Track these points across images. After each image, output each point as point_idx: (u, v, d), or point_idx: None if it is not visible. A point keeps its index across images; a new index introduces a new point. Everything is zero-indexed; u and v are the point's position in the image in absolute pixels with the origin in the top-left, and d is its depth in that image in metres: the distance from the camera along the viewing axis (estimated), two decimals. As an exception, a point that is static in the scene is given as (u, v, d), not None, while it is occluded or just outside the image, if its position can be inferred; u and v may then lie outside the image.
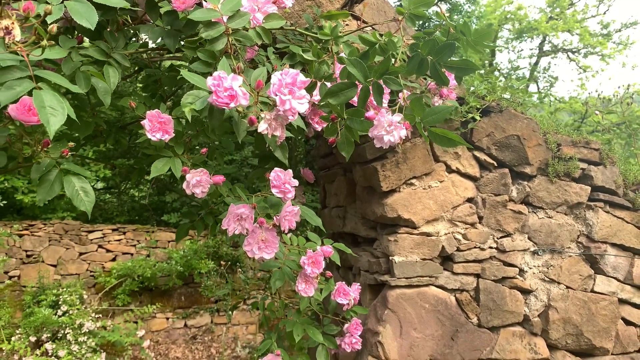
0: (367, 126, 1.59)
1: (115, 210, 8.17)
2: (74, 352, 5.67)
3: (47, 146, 1.62)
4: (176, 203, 7.55)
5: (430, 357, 2.56)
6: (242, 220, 1.90)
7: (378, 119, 1.55)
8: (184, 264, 6.71)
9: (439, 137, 1.53)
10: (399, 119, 1.54)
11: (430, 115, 1.52)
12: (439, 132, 1.52)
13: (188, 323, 7.12)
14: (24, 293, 6.51)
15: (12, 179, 6.67)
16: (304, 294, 2.18)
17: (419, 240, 2.56)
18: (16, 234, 6.56)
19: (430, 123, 1.53)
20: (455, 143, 1.52)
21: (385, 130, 1.54)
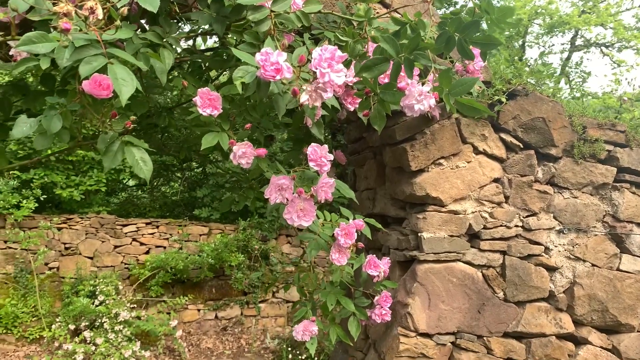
0: (398, 97, 1.78)
1: (148, 206, 8.51)
2: (110, 340, 5.97)
3: (114, 117, 1.85)
4: (207, 198, 7.84)
5: (457, 328, 2.71)
6: (283, 190, 2.11)
7: (409, 89, 1.73)
8: (214, 256, 6.97)
9: (465, 106, 1.70)
10: (429, 88, 1.72)
11: (457, 87, 1.69)
12: (465, 102, 1.69)
13: (219, 315, 7.38)
14: (62, 283, 6.89)
15: (52, 174, 7.07)
16: (337, 263, 2.37)
17: (447, 217, 2.72)
18: (55, 227, 6.95)
19: (458, 94, 1.70)
20: (480, 112, 1.69)
21: (416, 99, 1.72)
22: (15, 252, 6.80)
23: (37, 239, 6.66)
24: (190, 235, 7.46)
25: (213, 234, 7.59)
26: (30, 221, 6.88)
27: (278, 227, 7.67)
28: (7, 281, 6.71)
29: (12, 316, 6.45)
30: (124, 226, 7.32)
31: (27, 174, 6.94)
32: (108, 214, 7.54)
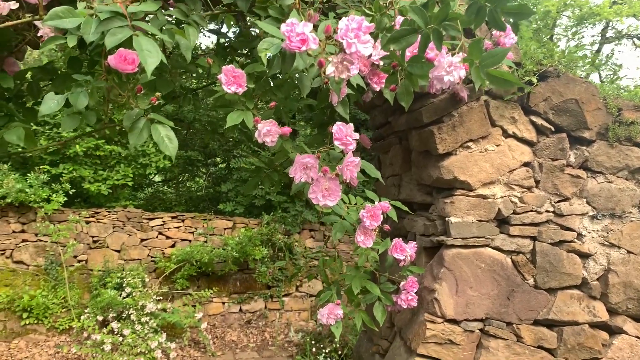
0: (427, 69, 1.73)
1: (173, 201, 8.61)
2: (137, 332, 6.04)
3: (140, 92, 1.85)
4: (231, 193, 7.88)
5: (485, 315, 2.64)
6: (307, 169, 2.08)
7: (438, 60, 1.68)
8: (239, 250, 7.00)
9: (497, 79, 1.64)
10: (459, 59, 1.67)
11: (488, 58, 1.64)
12: (497, 74, 1.64)
13: (243, 308, 7.41)
14: (91, 276, 7.01)
15: (80, 168, 7.20)
16: (363, 245, 2.33)
17: (475, 202, 2.66)
18: (84, 221, 7.08)
19: (488, 66, 1.65)
20: (511, 84, 1.63)
21: (445, 70, 1.67)
22: (46, 245, 6.95)
23: (67, 232, 6.79)
24: (215, 229, 7.51)
25: (237, 227, 7.63)
26: (60, 215, 7.02)
27: (301, 222, 7.66)
28: (38, 273, 6.87)
29: (42, 307, 6.59)
30: (150, 220, 7.41)
31: (57, 168, 7.09)
32: (135, 208, 7.65)
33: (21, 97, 2.57)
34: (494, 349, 2.61)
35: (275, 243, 7.35)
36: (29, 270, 6.89)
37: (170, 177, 9.41)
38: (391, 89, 1.97)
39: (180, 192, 8.87)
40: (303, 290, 7.63)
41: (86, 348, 5.82)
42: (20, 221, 6.97)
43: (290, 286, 7.59)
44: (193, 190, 8.97)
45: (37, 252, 6.95)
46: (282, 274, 7.47)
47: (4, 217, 6.90)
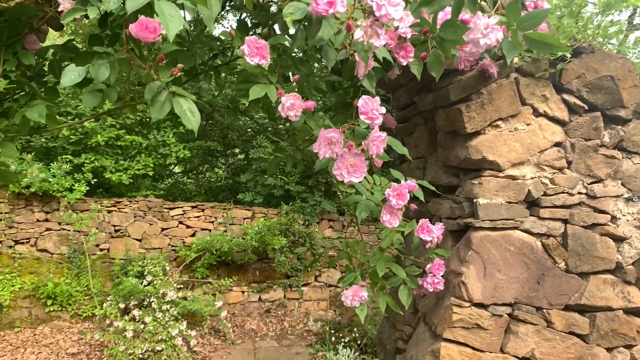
0: (461, 32, 1.63)
1: (193, 191, 8.61)
2: (158, 319, 6.05)
3: (162, 61, 1.79)
4: (250, 183, 7.85)
5: (514, 299, 2.53)
6: (332, 144, 2.00)
7: (474, 21, 1.58)
8: (258, 239, 6.96)
9: (536, 42, 1.54)
10: (496, 21, 1.56)
11: (526, 20, 1.53)
12: (536, 37, 1.53)
13: (262, 297, 7.39)
14: (113, 264, 7.05)
15: (102, 158, 7.23)
16: (389, 225, 2.24)
17: (504, 183, 2.54)
18: (106, 210, 7.11)
19: (527, 28, 1.54)
20: (553, 47, 1.52)
21: (481, 33, 1.57)
22: (69, 234, 7.01)
23: (89, 221, 6.83)
24: (234, 218, 7.49)
25: (256, 217, 7.60)
26: (82, 204, 7.06)
27: (320, 212, 7.59)
28: (62, 261, 6.93)
29: (66, 294, 6.65)
30: (171, 209, 7.42)
31: (79, 158, 7.13)
32: (155, 198, 7.67)
33: (43, 77, 2.54)
34: (523, 334, 2.51)
35: (294, 233, 7.30)
36: (53, 258, 6.95)
37: (190, 168, 9.42)
38: (422, 57, 1.87)
39: (200, 183, 8.87)
40: (322, 280, 7.57)
41: (108, 335, 5.85)
42: (44, 210, 7.04)
43: (309, 276, 7.54)
44: (212, 180, 8.96)
45: (61, 241, 7.01)
46: (301, 263, 7.42)
47: (29, 206, 6.97)
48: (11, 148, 2.31)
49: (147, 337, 5.86)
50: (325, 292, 7.54)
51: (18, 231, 6.90)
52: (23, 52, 2.26)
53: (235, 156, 8.90)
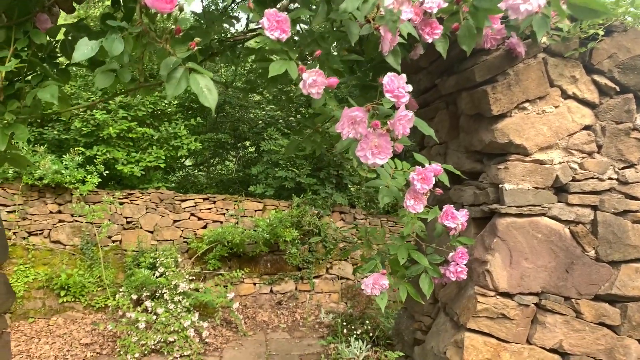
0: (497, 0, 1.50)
1: (204, 184, 8.53)
2: (170, 310, 5.98)
3: (178, 33, 1.68)
4: (261, 175, 7.75)
5: (542, 288, 2.41)
6: (356, 123, 1.88)
7: (513, -14, 1.45)
8: (269, 231, 6.87)
9: (580, 8, 1.41)
10: (537, -16, 1.44)
11: (569, -15, 1.40)
12: (580, 2, 1.40)
13: (274, 289, 7.30)
14: (125, 256, 6.99)
15: (114, 150, 7.16)
16: (413, 210, 2.13)
17: (531, 167, 2.41)
18: (118, 202, 7.05)
19: (569, -6, 1.41)
20: (599, 13, 1.40)
21: (521, -2, 1.45)
22: (82, 225, 6.96)
23: (101, 213, 6.77)
24: (245, 210, 7.40)
25: (267, 209, 7.50)
26: (94, 196, 7.00)
27: (331, 204, 7.48)
28: (75, 252, 6.88)
29: (79, 285, 6.60)
30: (183, 201, 7.34)
31: (91, 150, 7.07)
32: (167, 189, 7.59)
33: (54, 58, 2.45)
34: (550, 324, 2.38)
35: (305, 225, 7.19)
36: (66, 249, 6.90)
37: (201, 161, 9.34)
38: (453, 28, 1.75)
39: (211, 175, 8.79)
40: (333, 273, 7.47)
41: (121, 326, 5.79)
42: (56, 202, 6.98)
43: (321, 268, 7.44)
44: (223, 173, 8.88)
45: (73, 232, 6.96)
46: (312, 256, 7.32)
47: (42, 198, 6.93)
48: (23, 130, 2.21)
49: (160, 328, 5.80)
50: (337, 284, 7.44)
51: (31, 223, 6.85)
52: (34, 31, 2.16)
53: (246, 149, 8.81)
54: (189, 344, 5.80)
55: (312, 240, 6.95)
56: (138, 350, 5.60)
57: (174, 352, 5.67)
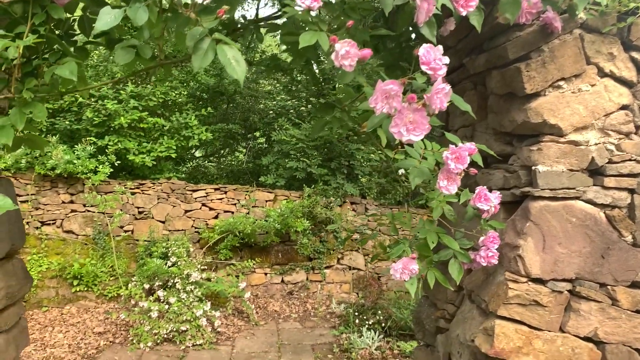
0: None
1: (215, 174, 8.44)
2: (182, 300, 5.91)
3: None
4: (272, 166, 7.65)
5: (576, 274, 2.29)
6: (390, 98, 1.75)
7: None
8: (280, 222, 6.77)
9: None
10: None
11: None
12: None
13: (285, 279, 7.21)
14: (137, 246, 6.92)
15: (125, 140, 7.07)
16: (446, 191, 2.01)
17: (566, 149, 2.29)
18: (129, 192, 6.97)
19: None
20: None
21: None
22: (94, 215, 6.89)
23: (113, 203, 6.70)
24: (256, 201, 7.30)
25: (278, 200, 7.40)
26: (106, 186, 6.93)
27: (342, 195, 7.37)
28: (87, 242, 6.81)
29: (92, 275, 6.54)
30: (194, 192, 7.25)
31: (102, 140, 6.98)
32: (178, 180, 7.51)
33: (72, 36, 2.33)
34: (585, 312, 2.27)
35: (316, 215, 7.09)
36: (78, 239, 6.84)
37: (211, 152, 9.24)
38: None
39: (221, 166, 8.69)
40: (344, 263, 7.37)
41: (134, 315, 5.72)
42: (69, 192, 6.91)
43: (332, 258, 7.34)
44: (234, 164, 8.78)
45: (86, 222, 6.89)
46: (323, 246, 7.22)
47: (54, 188, 6.86)
48: (41, 109, 2.10)
49: (172, 317, 5.73)
50: (348, 274, 7.34)
51: (44, 212, 6.79)
52: (52, 5, 2.05)
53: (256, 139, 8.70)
54: (201, 333, 5.73)
55: (329, 228, 6.83)
56: (151, 339, 5.53)
57: (187, 341, 5.61)
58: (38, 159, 6.56)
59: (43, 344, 5.47)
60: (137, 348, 5.46)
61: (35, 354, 5.24)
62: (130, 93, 7.04)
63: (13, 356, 2.72)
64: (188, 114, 7.41)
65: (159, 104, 7.32)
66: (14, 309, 2.72)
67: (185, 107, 7.67)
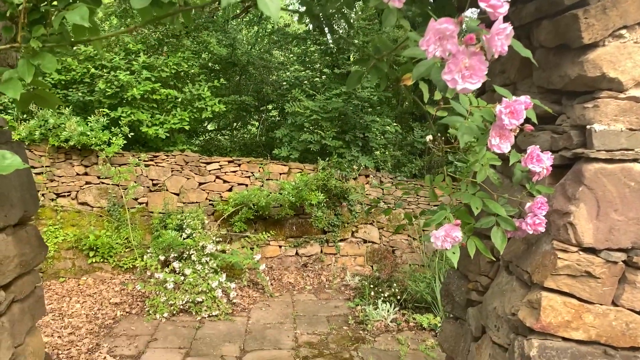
0: None
1: (228, 147, 8.21)
2: (198, 271, 5.76)
3: None
4: (286, 138, 7.39)
5: (632, 244, 2.05)
6: (444, 39, 1.49)
7: None
8: (295, 195, 6.56)
9: None
10: None
11: None
12: None
13: (299, 252, 7.04)
14: (152, 218, 6.75)
15: (138, 112, 6.83)
16: (498, 150, 1.76)
17: (626, 105, 2.02)
18: (143, 164, 6.77)
19: None
20: None
21: None
22: (108, 187, 6.71)
23: (127, 175, 6.51)
24: (270, 173, 7.08)
25: (292, 173, 7.18)
26: (120, 158, 6.73)
27: (358, 168, 7.12)
28: (102, 214, 6.65)
29: (107, 246, 6.40)
30: (208, 164, 7.04)
31: (115, 112, 6.75)
32: (192, 152, 7.29)
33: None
34: (641, 284, 2.04)
35: (330, 188, 6.87)
36: (93, 211, 6.68)
37: (223, 125, 8.99)
38: None
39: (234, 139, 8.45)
40: (359, 236, 7.18)
41: (150, 286, 5.59)
42: (83, 164, 6.73)
43: (346, 231, 7.14)
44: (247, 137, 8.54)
45: (100, 194, 6.72)
46: (337, 219, 7.02)
47: (68, 160, 6.67)
48: (50, 60, 1.86)
49: (188, 288, 5.59)
50: (362, 247, 7.15)
51: (59, 184, 6.62)
52: (58, -58, 1.79)
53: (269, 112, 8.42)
54: (217, 304, 5.60)
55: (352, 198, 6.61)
56: (167, 310, 5.41)
57: (202, 312, 5.48)
58: (52, 131, 6.36)
59: (61, 314, 5.36)
60: (153, 319, 5.34)
61: (53, 323, 5.13)
62: (143, 64, 6.77)
63: (29, 326, 2.55)
64: (201, 85, 7.14)
65: (171, 75, 7.05)
66: (28, 277, 2.54)
67: (197, 79, 7.39)
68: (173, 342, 4.82)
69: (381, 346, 4.93)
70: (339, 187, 6.85)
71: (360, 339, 5.07)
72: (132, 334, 4.98)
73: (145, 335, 4.95)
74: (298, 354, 4.65)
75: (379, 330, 5.27)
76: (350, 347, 4.87)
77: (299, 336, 5.08)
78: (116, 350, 4.61)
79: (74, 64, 6.92)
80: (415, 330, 5.28)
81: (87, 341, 4.78)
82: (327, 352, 4.77)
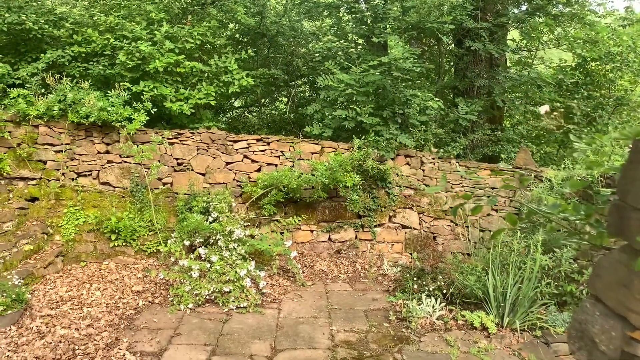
0: None
1: (256, 125, 7.51)
2: (225, 258, 5.14)
3: None
4: (317, 114, 6.63)
5: None
6: None
7: None
8: (328, 176, 5.84)
9: None
10: None
11: None
12: None
13: (332, 237, 6.36)
14: (176, 199, 6.15)
15: (161, 86, 6.17)
16: None
17: None
18: (167, 142, 6.13)
19: None
20: None
21: None
22: (130, 167, 6.12)
23: (150, 154, 5.87)
24: (302, 153, 6.36)
25: (325, 152, 6.44)
26: (142, 135, 6.11)
27: (396, 147, 6.33)
28: (124, 195, 6.08)
29: (130, 229, 5.83)
30: (235, 142, 6.36)
31: (137, 86, 6.09)
32: (218, 129, 6.61)
33: None
34: None
35: (367, 170, 6.11)
36: (115, 192, 6.11)
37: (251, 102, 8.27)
38: None
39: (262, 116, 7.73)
40: (397, 221, 6.43)
41: (173, 274, 5.00)
42: (104, 142, 6.14)
43: (383, 216, 6.41)
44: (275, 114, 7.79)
45: (122, 174, 6.13)
46: (374, 203, 6.28)
47: (89, 137, 6.09)
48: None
49: (214, 277, 4.98)
50: (401, 234, 6.41)
51: (79, 163, 6.06)
52: None
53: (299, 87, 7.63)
54: (245, 295, 4.98)
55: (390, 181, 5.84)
56: (192, 300, 4.82)
57: (230, 302, 4.87)
58: (71, 107, 5.76)
59: (80, 302, 4.83)
60: (177, 309, 4.77)
61: (72, 313, 4.61)
62: (165, 34, 6.06)
63: None
64: (227, 57, 6.40)
65: (196, 46, 6.33)
66: None
67: (224, 51, 6.65)
68: (198, 338, 4.23)
69: (428, 348, 4.24)
70: (377, 168, 6.09)
71: (403, 339, 4.39)
72: (154, 327, 4.41)
73: (169, 329, 4.38)
74: (335, 356, 4.01)
75: (424, 329, 4.58)
76: (393, 349, 4.20)
77: (335, 333, 4.44)
78: (136, 346, 4.05)
79: (95, 35, 6.26)
80: (464, 330, 4.57)
81: (106, 335, 4.23)
82: (367, 353, 4.12)
